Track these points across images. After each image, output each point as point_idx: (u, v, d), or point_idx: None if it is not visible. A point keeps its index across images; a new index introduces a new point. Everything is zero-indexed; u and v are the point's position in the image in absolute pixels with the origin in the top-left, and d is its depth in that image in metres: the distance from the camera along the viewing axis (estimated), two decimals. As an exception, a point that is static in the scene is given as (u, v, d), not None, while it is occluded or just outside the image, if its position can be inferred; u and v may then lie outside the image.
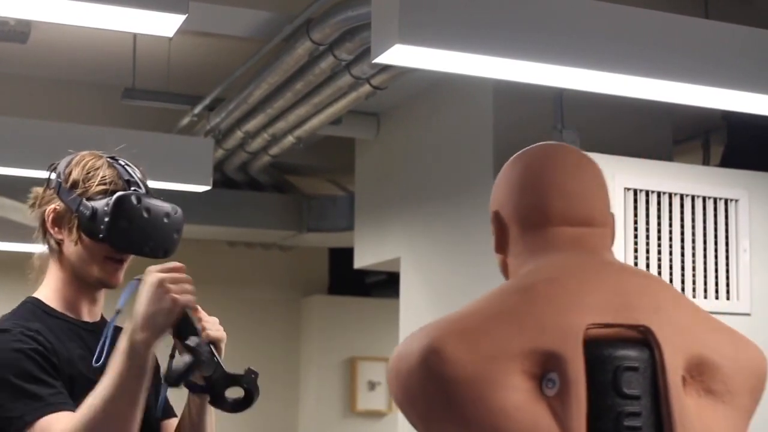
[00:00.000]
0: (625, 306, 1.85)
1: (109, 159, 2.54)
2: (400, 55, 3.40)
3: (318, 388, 9.31)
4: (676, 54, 3.70)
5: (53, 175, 2.55)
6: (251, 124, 6.27)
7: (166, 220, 2.49)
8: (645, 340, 1.83)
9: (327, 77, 5.44)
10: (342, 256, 8.57)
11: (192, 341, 2.27)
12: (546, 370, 1.78)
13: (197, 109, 6.43)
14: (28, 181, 6.15)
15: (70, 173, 2.51)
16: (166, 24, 3.35)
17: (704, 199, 4.85)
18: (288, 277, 9.55)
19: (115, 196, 2.42)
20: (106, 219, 2.40)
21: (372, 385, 9.31)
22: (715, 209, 4.88)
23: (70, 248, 2.48)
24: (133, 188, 2.49)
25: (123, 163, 2.54)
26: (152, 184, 5.71)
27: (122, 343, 2.24)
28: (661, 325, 1.84)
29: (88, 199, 2.45)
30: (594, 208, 2.02)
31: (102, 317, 2.59)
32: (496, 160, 5.39)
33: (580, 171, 2.05)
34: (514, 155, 2.09)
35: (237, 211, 7.97)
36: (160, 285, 2.26)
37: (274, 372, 9.44)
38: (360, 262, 7.07)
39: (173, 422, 2.63)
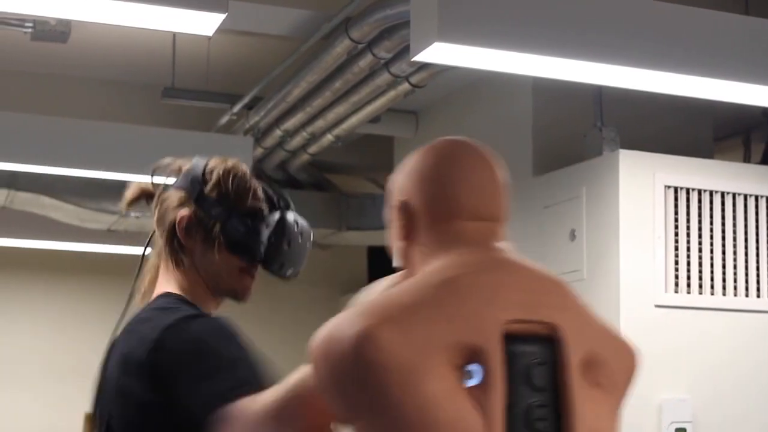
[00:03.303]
0: (535, 303, 1.97)
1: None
2: (438, 53, 3.40)
3: (357, 386, 9.29)
4: (717, 50, 3.69)
5: (185, 178, 2.47)
6: (290, 123, 6.27)
7: (308, 244, 2.48)
8: (550, 336, 1.94)
9: (366, 75, 5.44)
10: (381, 255, 8.52)
11: None
12: (467, 361, 1.86)
13: (236, 108, 6.44)
14: (68, 180, 6.21)
15: (217, 182, 2.44)
16: (205, 23, 3.37)
17: (745, 196, 4.82)
18: (327, 275, 9.54)
19: (279, 217, 2.40)
20: (272, 240, 2.39)
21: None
22: (757, 207, 4.84)
23: (204, 258, 2.42)
24: (285, 207, 2.46)
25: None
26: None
27: None
28: (565, 323, 1.96)
29: (241, 214, 2.41)
30: (500, 204, 2.12)
31: None
32: (536, 157, 5.38)
33: (488, 168, 2.13)
34: (423, 147, 2.18)
35: (276, 210, 7.98)
36: None
37: (313, 370, 9.44)
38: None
39: None
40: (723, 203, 4.77)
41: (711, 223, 4.74)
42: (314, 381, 1.95)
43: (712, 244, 4.73)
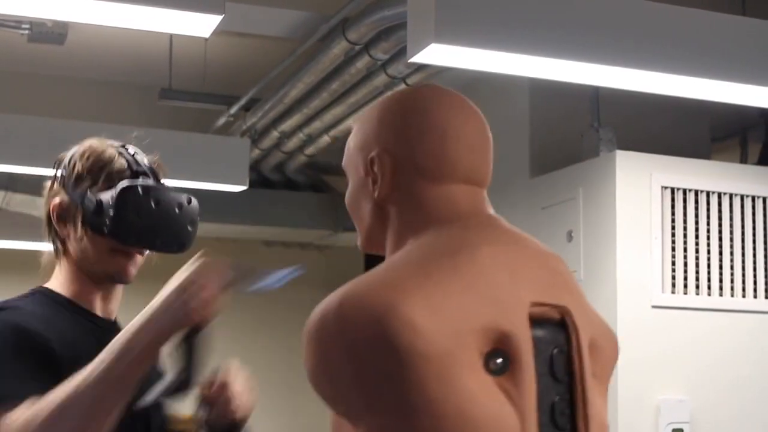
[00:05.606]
0: (548, 283, 1.72)
1: (119, 148, 2.42)
2: (435, 54, 3.40)
3: (354, 387, 9.28)
4: (714, 51, 3.69)
5: (60, 169, 2.43)
6: (287, 124, 6.28)
7: (178, 211, 2.33)
8: (562, 321, 1.70)
9: (363, 77, 5.44)
10: (377, 256, 8.54)
11: (179, 365, 2.13)
12: (493, 347, 1.60)
13: (233, 110, 6.45)
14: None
15: (74, 165, 2.39)
16: (202, 24, 3.36)
17: (742, 197, 4.82)
18: (324, 276, 9.54)
19: (119, 187, 2.29)
20: (111, 212, 2.26)
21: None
22: (753, 207, 4.84)
23: (76, 244, 2.34)
24: (141, 178, 2.34)
25: (132, 152, 2.41)
26: (189, 184, 5.73)
27: (122, 335, 2.09)
28: (574, 307, 1.73)
29: (93, 191, 2.32)
30: (489, 168, 1.84)
31: (116, 319, 2.44)
32: (533, 159, 5.38)
33: (482, 125, 1.84)
34: (401, 93, 1.85)
35: (273, 211, 7.98)
36: (183, 290, 2.10)
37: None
38: (396, 261, 7.03)
39: None
40: (720, 204, 4.77)
41: (708, 224, 4.74)
42: (308, 368, 1.67)
43: (708, 245, 4.73)
